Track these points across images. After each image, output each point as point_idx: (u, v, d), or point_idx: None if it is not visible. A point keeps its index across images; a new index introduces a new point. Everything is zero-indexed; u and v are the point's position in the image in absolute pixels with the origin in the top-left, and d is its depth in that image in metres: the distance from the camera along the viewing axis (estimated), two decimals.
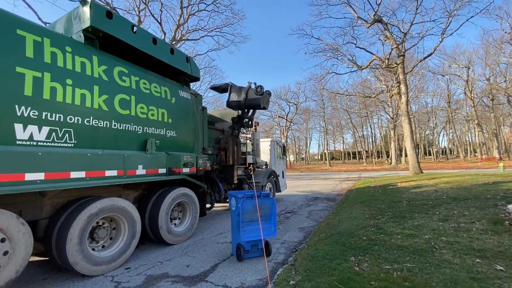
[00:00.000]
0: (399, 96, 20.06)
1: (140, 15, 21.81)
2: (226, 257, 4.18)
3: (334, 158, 74.65)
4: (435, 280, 2.63)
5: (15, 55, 3.06)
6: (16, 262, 2.85)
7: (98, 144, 3.85)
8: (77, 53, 3.72)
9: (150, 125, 4.69)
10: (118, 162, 4.03)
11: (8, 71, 2.97)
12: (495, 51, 37.71)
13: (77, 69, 3.67)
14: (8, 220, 2.83)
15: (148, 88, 4.77)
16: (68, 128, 3.49)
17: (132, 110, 4.38)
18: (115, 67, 4.25)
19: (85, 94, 3.72)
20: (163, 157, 4.84)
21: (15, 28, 3.12)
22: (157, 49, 4.99)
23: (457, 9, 18.19)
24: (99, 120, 3.86)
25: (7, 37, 3.02)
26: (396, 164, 41.29)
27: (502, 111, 47.10)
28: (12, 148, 2.91)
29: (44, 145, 3.21)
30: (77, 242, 3.38)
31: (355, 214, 6.28)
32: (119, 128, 4.16)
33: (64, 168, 3.34)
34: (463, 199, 6.95)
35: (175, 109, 5.32)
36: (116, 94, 4.15)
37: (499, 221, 4.49)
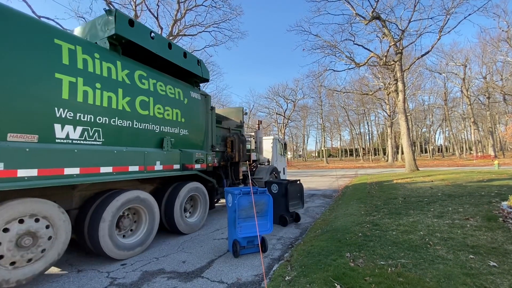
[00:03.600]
0: (396, 93, 20.13)
1: (137, 10, 21.52)
2: (222, 253, 4.19)
3: (331, 155, 74.98)
4: (429, 275, 2.66)
5: (53, 62, 3.43)
6: (58, 246, 3.31)
7: (122, 142, 4.25)
8: (104, 59, 4.08)
9: (166, 125, 5.09)
10: (140, 159, 4.45)
11: (48, 77, 3.35)
12: (492, 49, 37.89)
13: (104, 74, 4.04)
14: (51, 209, 3.27)
15: (164, 90, 5.15)
16: (97, 128, 3.88)
17: (151, 110, 4.77)
18: (136, 71, 4.62)
19: (111, 96, 4.09)
20: (177, 154, 5.27)
21: (53, 38, 3.49)
22: (172, 53, 5.35)
23: (455, 6, 18.20)
24: (123, 120, 4.25)
25: (47, 46, 3.40)
26: (393, 161, 41.54)
27: (498, 109, 47.50)
28: (53, 146, 3.34)
29: (78, 143, 3.63)
30: (108, 229, 3.77)
31: (351, 210, 6.32)
32: (140, 127, 4.55)
33: (95, 164, 3.76)
34: (458, 196, 7.01)
35: (187, 109, 5.69)
36: (137, 96, 4.52)
37: (493, 218, 4.54)
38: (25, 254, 3.03)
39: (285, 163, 11.97)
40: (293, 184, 6.09)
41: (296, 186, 6.16)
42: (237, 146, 7.44)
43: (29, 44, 3.24)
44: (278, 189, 5.99)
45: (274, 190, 6.02)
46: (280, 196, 5.91)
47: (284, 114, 53.56)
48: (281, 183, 6.02)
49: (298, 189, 6.21)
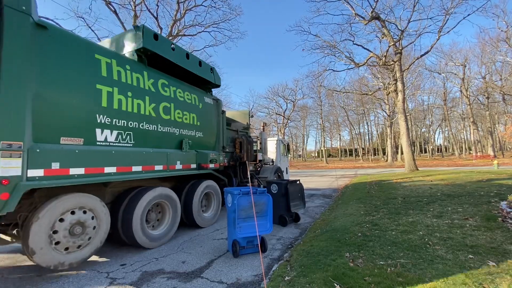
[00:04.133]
0: (395, 93, 20.14)
1: (136, 10, 21.51)
2: (222, 253, 4.19)
3: (330, 155, 75.00)
4: (428, 275, 2.66)
5: (95, 75, 3.93)
6: (100, 234, 3.82)
7: (149, 144, 4.73)
8: (133, 70, 4.58)
9: (184, 128, 5.62)
10: (163, 159, 4.97)
11: (91, 88, 3.85)
12: (491, 49, 37.93)
13: (134, 83, 4.54)
14: (95, 203, 3.77)
15: (182, 96, 5.67)
16: (129, 131, 4.37)
17: (172, 115, 5.29)
18: (159, 79, 5.12)
19: (140, 103, 4.59)
20: (194, 155, 5.82)
21: (94, 53, 3.98)
22: (189, 63, 5.84)
23: (454, 7, 18.22)
24: (149, 124, 4.75)
25: (90, 61, 3.89)
26: (392, 161, 41.57)
27: (497, 109, 47.56)
28: (94, 147, 3.83)
29: (114, 145, 4.12)
30: (140, 222, 4.29)
31: (351, 210, 6.32)
32: (163, 131, 5.05)
33: (128, 163, 4.26)
34: (457, 196, 7.02)
35: (202, 113, 6.22)
36: (160, 103, 5.03)
37: (492, 218, 4.55)
38: (76, 241, 3.53)
39: (287, 163, 12.54)
40: (293, 184, 6.10)
41: (296, 186, 6.17)
42: (245, 147, 7.90)
43: (76, 60, 3.75)
44: (278, 189, 6.00)
45: (273, 190, 6.03)
46: (279, 196, 5.91)
47: (283, 114, 53.58)
48: (280, 183, 6.02)
49: (298, 189, 6.22)
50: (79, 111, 3.72)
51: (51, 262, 3.30)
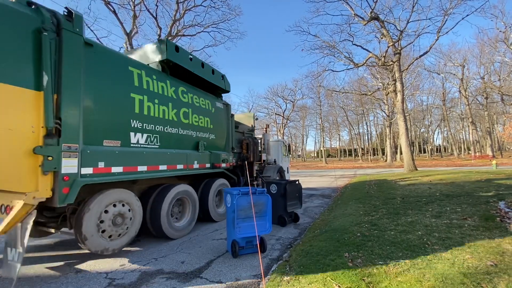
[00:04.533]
0: (395, 94, 20.17)
1: (135, 10, 21.49)
2: (221, 253, 4.19)
3: (330, 155, 75.05)
4: (427, 275, 2.67)
5: (129, 85, 4.46)
6: (135, 225, 4.36)
7: (172, 146, 5.28)
8: (159, 79, 5.10)
9: (200, 131, 6.18)
10: (183, 159, 5.52)
11: (127, 97, 4.39)
12: (490, 49, 38.03)
13: (160, 92, 5.06)
14: (131, 197, 4.31)
15: (198, 102, 6.21)
16: (156, 135, 4.91)
17: (190, 119, 5.85)
18: (179, 87, 5.66)
19: (164, 109, 5.12)
20: (208, 155, 6.35)
21: (128, 66, 4.53)
22: (204, 71, 6.40)
23: (453, 7, 18.27)
24: (172, 128, 5.31)
25: (124, 73, 4.43)
26: (392, 161, 41.63)
27: (495, 109, 47.70)
28: (129, 149, 4.38)
29: (144, 146, 4.66)
30: (166, 215, 4.81)
31: (350, 210, 6.33)
32: (183, 134, 5.62)
33: (156, 163, 4.81)
34: (455, 196, 7.04)
35: (214, 117, 6.76)
36: (181, 108, 5.57)
37: (490, 218, 4.57)
38: (117, 230, 4.06)
39: (288, 163, 13.27)
40: (292, 184, 6.10)
41: (294, 186, 6.18)
42: (252, 148, 8.51)
43: (115, 72, 4.29)
44: (277, 189, 6.00)
45: (273, 190, 6.03)
46: (279, 196, 5.92)
47: (283, 114, 53.59)
48: (279, 183, 6.03)
49: (296, 189, 6.23)
50: (117, 117, 4.27)
51: (98, 248, 3.83)
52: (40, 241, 5.17)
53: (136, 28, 22.87)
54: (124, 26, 21.53)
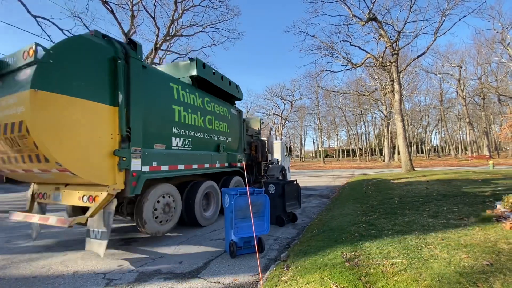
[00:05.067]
0: (392, 94, 20.25)
1: (133, 10, 21.42)
2: (219, 253, 4.19)
3: (328, 155, 75.16)
4: (424, 275, 2.68)
5: (171, 98, 5.39)
6: (177, 214, 5.22)
7: (200, 148, 6.19)
8: (190, 92, 6.02)
9: (220, 135, 7.09)
10: (208, 159, 6.43)
11: (169, 108, 5.35)
12: (487, 50, 38.28)
13: (191, 102, 6.00)
14: (174, 190, 5.20)
15: (218, 110, 7.13)
16: (189, 139, 5.85)
17: (213, 125, 6.79)
18: (205, 98, 6.58)
19: (195, 117, 6.09)
20: (226, 156, 7.24)
21: (169, 82, 5.45)
22: (223, 83, 7.33)
23: (450, 8, 18.37)
24: (200, 132, 6.25)
25: (168, 88, 5.36)
26: (389, 161, 41.78)
27: (492, 110, 48.00)
28: (171, 151, 5.31)
29: (181, 149, 5.60)
30: (199, 206, 5.79)
31: (348, 210, 6.35)
32: (208, 137, 6.54)
33: (190, 162, 5.76)
34: (452, 196, 7.09)
35: (230, 123, 7.72)
36: (206, 116, 6.51)
37: (487, 218, 4.60)
38: (166, 217, 4.91)
39: (289, 163, 14.52)
40: (290, 185, 6.12)
41: (293, 187, 6.19)
42: (260, 149, 9.41)
43: (161, 88, 5.23)
44: (275, 189, 6.01)
45: (271, 191, 6.04)
46: (277, 196, 5.93)
47: (281, 114, 53.64)
48: (278, 184, 6.04)
49: (295, 190, 6.24)
50: (163, 125, 5.19)
51: (153, 230, 4.64)
52: (36, 241, 5.15)
53: (134, 28, 22.80)
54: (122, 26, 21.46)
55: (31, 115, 3.25)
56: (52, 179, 4.26)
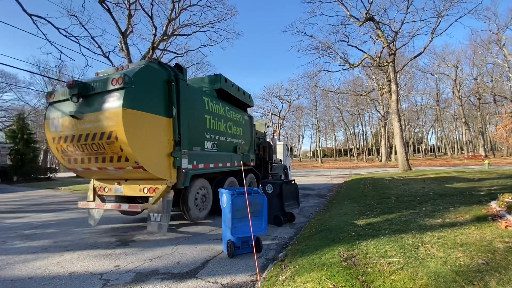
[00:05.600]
0: (389, 94, 20.35)
1: (130, 9, 21.31)
2: (217, 253, 4.19)
3: (326, 155, 75.36)
4: (420, 273, 2.70)
5: (204, 109, 6.52)
6: (210, 203, 6.56)
7: (223, 149, 7.34)
8: (216, 103, 7.11)
9: (237, 138, 8.23)
10: (229, 159, 7.64)
11: (203, 117, 6.47)
12: (483, 51, 38.66)
13: (217, 111, 7.11)
14: (207, 184, 6.52)
15: (235, 116, 8.26)
16: (215, 142, 6.98)
17: (232, 130, 7.92)
18: (225, 107, 7.68)
19: (220, 124, 7.19)
20: (241, 156, 8.40)
21: (202, 96, 6.63)
22: (239, 93, 8.57)
23: (447, 9, 18.51)
24: (223, 137, 7.39)
25: (201, 101, 6.49)
26: (386, 161, 42.00)
27: (488, 110, 48.47)
28: (205, 152, 6.46)
29: (211, 150, 6.75)
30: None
31: (345, 210, 6.38)
32: (228, 141, 7.68)
33: (217, 162, 6.96)
34: (449, 195, 7.14)
35: (244, 127, 8.88)
36: (227, 122, 7.65)
37: (482, 217, 4.64)
38: (203, 205, 6.30)
39: (290, 162, 15.88)
40: (288, 184, 6.12)
41: (291, 186, 6.20)
42: (267, 150, 10.94)
43: (198, 101, 6.35)
44: (273, 189, 6.01)
45: (269, 190, 6.04)
46: (275, 196, 5.93)
47: (279, 114, 53.68)
48: (275, 183, 6.04)
49: (293, 189, 6.25)
50: (199, 131, 6.31)
51: (195, 216, 6.01)
52: (32, 242, 5.11)
53: (131, 27, 22.68)
54: (119, 25, 21.32)
55: (121, 127, 4.33)
56: (120, 175, 5.33)
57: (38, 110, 40.12)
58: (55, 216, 8.06)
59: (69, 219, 7.38)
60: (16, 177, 25.14)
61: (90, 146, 4.75)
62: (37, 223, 7.07)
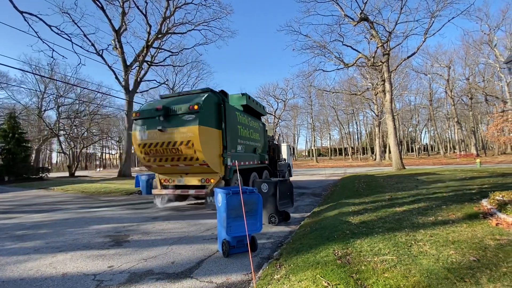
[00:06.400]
0: (383, 94, 20.53)
1: (124, 7, 21.07)
2: (212, 253, 4.18)
3: (321, 154, 75.75)
4: (413, 271, 2.74)
5: (236, 121, 8.36)
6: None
7: (247, 151, 9.23)
8: (243, 115, 9.04)
9: (256, 142, 10.21)
10: (251, 158, 9.53)
11: (236, 127, 8.31)
12: (475, 51, 39.25)
13: (244, 122, 9.03)
14: (240, 176, 7.44)
15: (254, 125, 10.28)
16: (243, 145, 8.80)
17: (253, 136, 9.88)
18: (248, 118, 9.66)
19: (246, 131, 9.10)
20: (259, 156, 10.50)
21: (235, 112, 8.44)
22: (257, 106, 10.86)
23: (440, 10, 18.73)
24: (248, 141, 9.28)
25: (235, 115, 8.28)
26: (381, 160, 42.39)
27: (480, 109, 49.24)
28: (237, 153, 8.26)
29: (240, 152, 8.54)
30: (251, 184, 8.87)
31: (339, 208, 6.42)
32: (251, 144, 9.57)
33: (245, 160, 8.73)
34: (441, 193, 7.24)
35: (260, 133, 10.94)
36: (250, 130, 9.58)
37: (474, 214, 4.72)
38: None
39: (291, 161, 18.11)
40: (283, 183, 6.14)
41: (286, 185, 6.21)
42: (276, 151, 13.60)
43: (233, 115, 8.11)
44: (268, 188, 6.02)
45: (264, 190, 6.05)
46: (270, 195, 5.94)
47: (274, 113, 53.72)
48: (270, 182, 6.05)
49: (287, 188, 6.27)
50: (234, 138, 8.10)
51: None
52: (24, 243, 5.03)
53: (125, 25, 22.42)
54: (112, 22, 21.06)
55: (197, 138, 6.53)
56: (184, 170, 7.45)
57: (30, 108, 39.44)
58: (47, 216, 7.95)
59: (61, 220, 7.28)
60: (7, 177, 24.71)
61: (170, 150, 6.88)
62: (29, 223, 6.96)
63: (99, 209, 9.01)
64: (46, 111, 40.26)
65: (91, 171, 54.62)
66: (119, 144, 63.53)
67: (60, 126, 37.85)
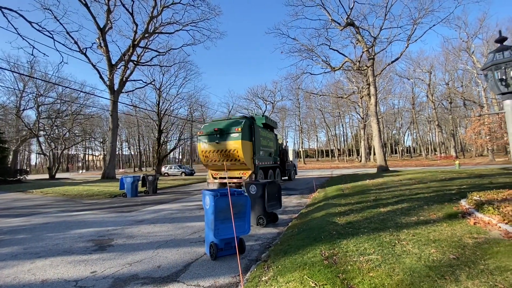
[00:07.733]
0: (368, 97, 21.05)
1: (110, 4, 20.56)
2: (199, 256, 4.13)
3: (308, 156, 76.58)
4: (396, 270, 2.82)
5: (259, 135, 12.61)
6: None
7: (266, 155, 13.41)
8: (263, 130, 13.48)
9: (271, 148, 14.28)
10: (268, 160, 13.68)
11: (259, 139, 12.54)
12: (454, 58, 40.98)
13: (263, 135, 13.35)
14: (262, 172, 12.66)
15: (270, 136, 14.50)
16: (263, 151, 12.95)
17: (269, 144, 14.06)
18: (266, 130, 14.04)
19: (264, 141, 13.36)
20: (273, 158, 14.62)
21: (259, 128, 12.96)
22: (272, 122, 15.63)
23: (421, 17, 19.47)
24: (266, 148, 13.49)
25: (259, 131, 12.68)
26: (366, 161, 43.37)
27: (459, 113, 51.44)
28: (260, 156, 12.45)
29: (262, 156, 12.81)
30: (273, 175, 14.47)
31: (326, 209, 6.51)
32: (267, 150, 13.69)
33: (264, 161, 12.96)
34: (423, 194, 7.50)
35: (273, 141, 14.97)
36: (267, 140, 13.76)
37: (453, 214, 4.92)
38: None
39: (297, 162, 22.22)
40: (271, 185, 6.16)
41: (274, 187, 6.24)
42: (286, 154, 17.49)
43: (258, 132, 12.29)
44: (256, 190, 6.03)
45: (252, 191, 6.05)
46: (258, 197, 5.95)
47: (263, 115, 53.82)
48: (259, 184, 6.06)
49: (275, 190, 6.30)
50: (258, 146, 12.05)
51: None
52: (1, 249, 4.78)
53: (110, 23, 21.87)
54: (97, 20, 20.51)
55: (240, 147, 10.61)
56: (231, 166, 11.22)
57: (7, 107, 37.66)
58: (26, 220, 7.60)
59: (41, 224, 6.99)
60: None
61: (225, 154, 10.91)
62: (6, 228, 6.63)
63: (81, 212, 8.71)
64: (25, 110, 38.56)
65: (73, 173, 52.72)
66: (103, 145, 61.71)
67: (40, 126, 36.36)
